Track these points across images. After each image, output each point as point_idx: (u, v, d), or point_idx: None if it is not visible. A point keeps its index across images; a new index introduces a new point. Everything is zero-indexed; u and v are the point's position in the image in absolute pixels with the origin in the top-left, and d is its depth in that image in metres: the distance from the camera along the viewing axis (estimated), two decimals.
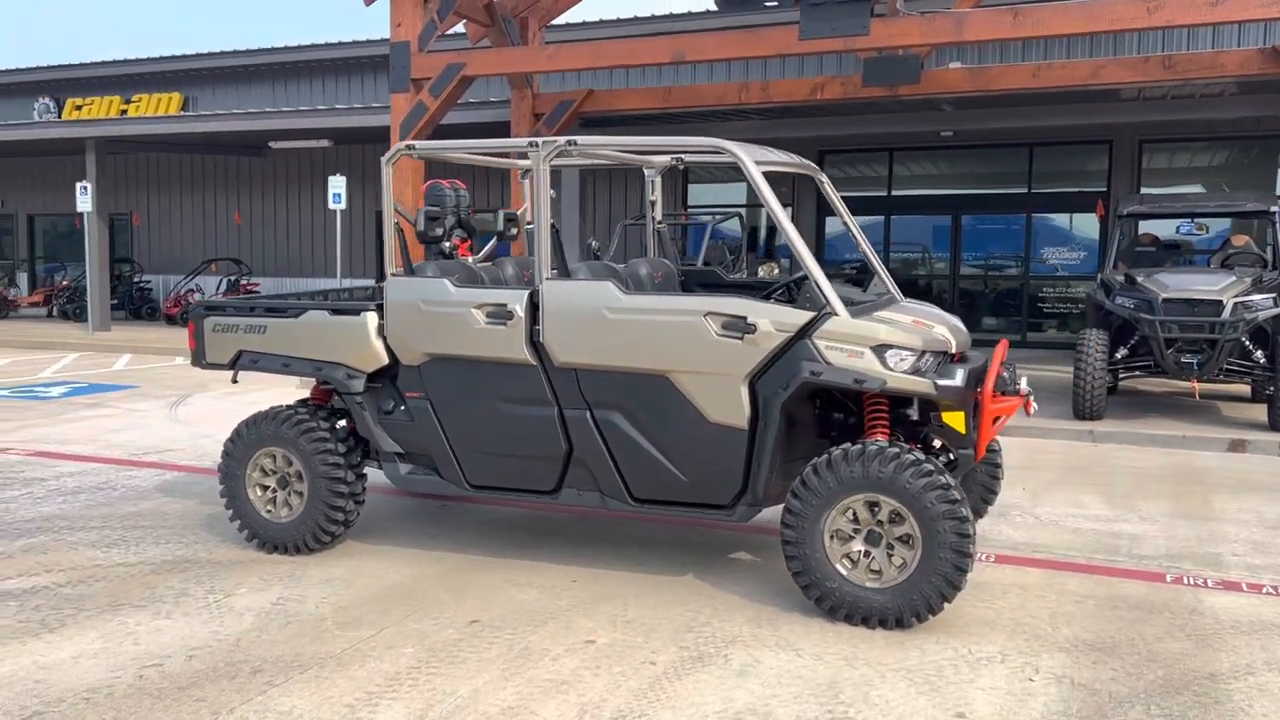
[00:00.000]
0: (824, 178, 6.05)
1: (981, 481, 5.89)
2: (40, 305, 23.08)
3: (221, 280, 21.04)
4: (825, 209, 17.92)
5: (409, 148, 5.43)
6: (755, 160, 4.87)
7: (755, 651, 4.40)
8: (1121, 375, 9.94)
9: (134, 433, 9.40)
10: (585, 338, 5.01)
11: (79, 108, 23.69)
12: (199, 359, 5.92)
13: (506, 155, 5.45)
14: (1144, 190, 15.99)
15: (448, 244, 5.95)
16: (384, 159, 5.45)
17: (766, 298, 5.82)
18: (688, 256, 12.75)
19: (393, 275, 5.45)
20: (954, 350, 4.89)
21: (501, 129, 14.12)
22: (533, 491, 5.32)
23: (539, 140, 5.12)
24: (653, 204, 6.55)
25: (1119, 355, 9.64)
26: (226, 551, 5.80)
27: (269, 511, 5.74)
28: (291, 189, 21.54)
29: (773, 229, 18.60)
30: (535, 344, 5.13)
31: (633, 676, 4.15)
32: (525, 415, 5.20)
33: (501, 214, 6.39)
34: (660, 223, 6.59)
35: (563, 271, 5.23)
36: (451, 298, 5.27)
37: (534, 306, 5.13)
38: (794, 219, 17.79)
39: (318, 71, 21.63)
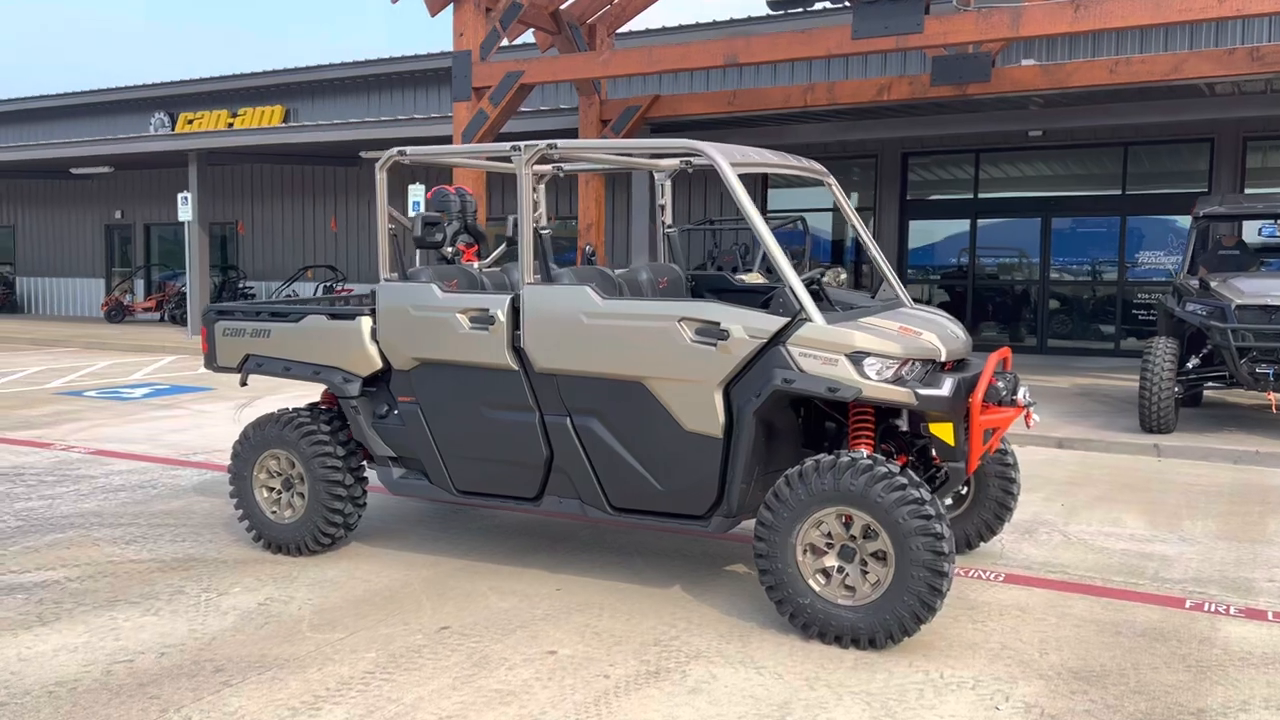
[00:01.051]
0: (833, 180, 5.87)
1: (994, 497, 5.61)
2: (153, 310, 24.20)
3: (318, 286, 21.73)
4: (911, 212, 17.50)
5: (400, 153, 5.47)
6: (731, 162, 4.74)
7: (715, 668, 4.26)
8: (1195, 386, 9.38)
9: (192, 433, 9.74)
10: (564, 343, 4.96)
11: (190, 121, 24.80)
12: (210, 361, 6.08)
13: (500, 159, 5.43)
14: (1249, 190, 15.13)
15: (450, 249, 5.97)
16: (377, 165, 5.50)
17: (765, 304, 5.69)
18: (746, 261, 12.54)
19: (385, 280, 5.50)
20: (943, 358, 4.67)
21: (571, 136, 14.18)
22: (516, 498, 5.28)
23: (520, 145, 5.09)
24: (661, 208, 6.45)
25: (1190, 365, 9.09)
26: (235, 551, 5.93)
27: (274, 513, 5.85)
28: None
29: (840, 234, 18.27)
30: (517, 349, 5.10)
31: (581, 689, 4.07)
32: (508, 421, 5.18)
33: (512, 219, 6.39)
34: (670, 227, 6.49)
35: (546, 276, 5.19)
36: (438, 302, 5.28)
37: (515, 311, 5.10)
38: (875, 221, 17.45)
39: (408, 83, 22.15)
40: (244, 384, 6.19)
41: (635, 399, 4.85)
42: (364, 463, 5.82)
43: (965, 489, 5.68)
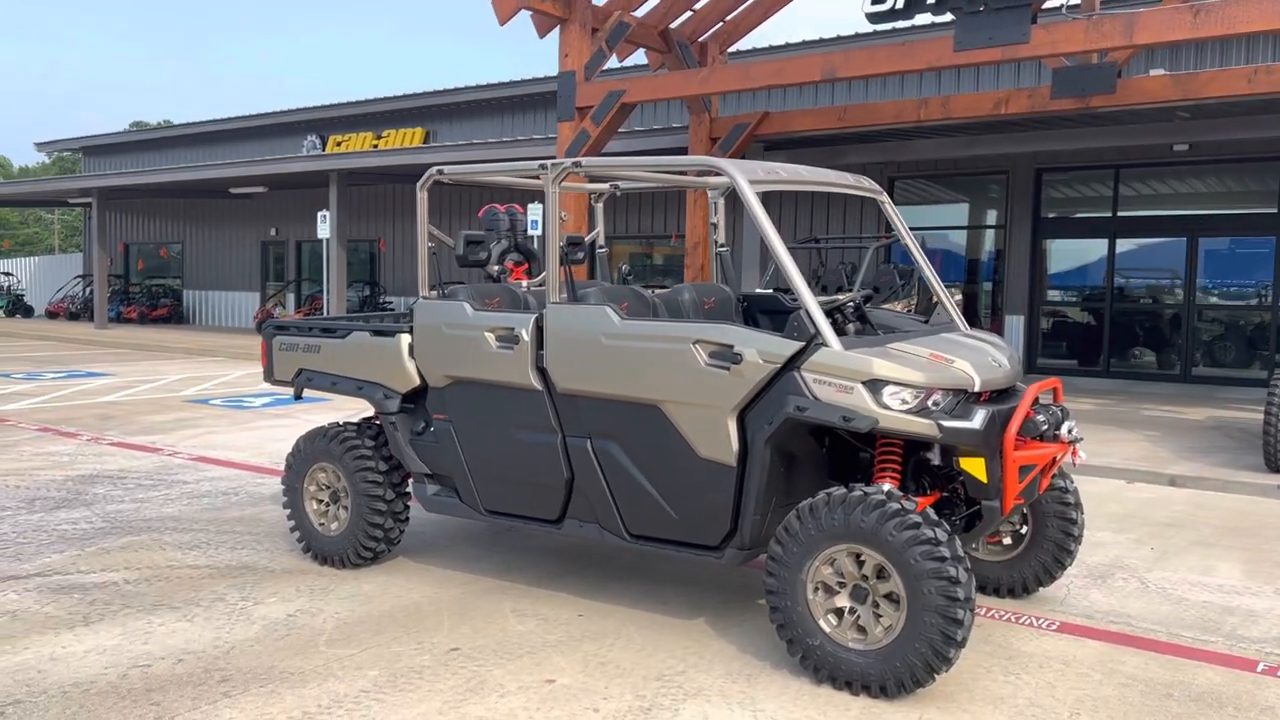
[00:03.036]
0: (886, 198, 5.60)
1: (1053, 539, 5.21)
2: None
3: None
4: (1047, 229, 16.69)
5: (439, 171, 5.50)
6: (750, 179, 4.56)
7: (712, 708, 4.07)
8: None
9: (292, 444, 10.07)
10: (583, 363, 4.87)
11: (339, 143, 25.93)
12: (269, 375, 6.25)
13: (530, 176, 5.39)
14: None
15: (496, 268, 5.97)
16: (418, 184, 5.55)
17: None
18: (850, 281, 12.19)
19: (423, 298, 5.53)
20: (977, 388, 4.35)
21: (682, 154, 14.12)
22: (539, 520, 5.21)
23: (547, 163, 5.04)
24: (714, 226, 6.29)
25: None
26: (286, 561, 6.07)
27: (321, 525, 5.96)
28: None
29: (967, 254, 17.55)
30: (541, 369, 5.04)
31: None
32: (532, 442, 5.12)
33: (566, 237, 6.34)
34: (722, 246, 6.31)
35: (572, 295, 5.11)
36: (468, 321, 5.27)
37: (540, 331, 5.05)
38: (1006, 240, 16.71)
39: (539, 104, 22.55)
40: (298, 398, 6.33)
41: (652, 423, 4.71)
42: (406, 479, 5.86)
43: (1025, 529, 5.30)
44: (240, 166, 21.95)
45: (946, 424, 4.20)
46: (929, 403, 4.25)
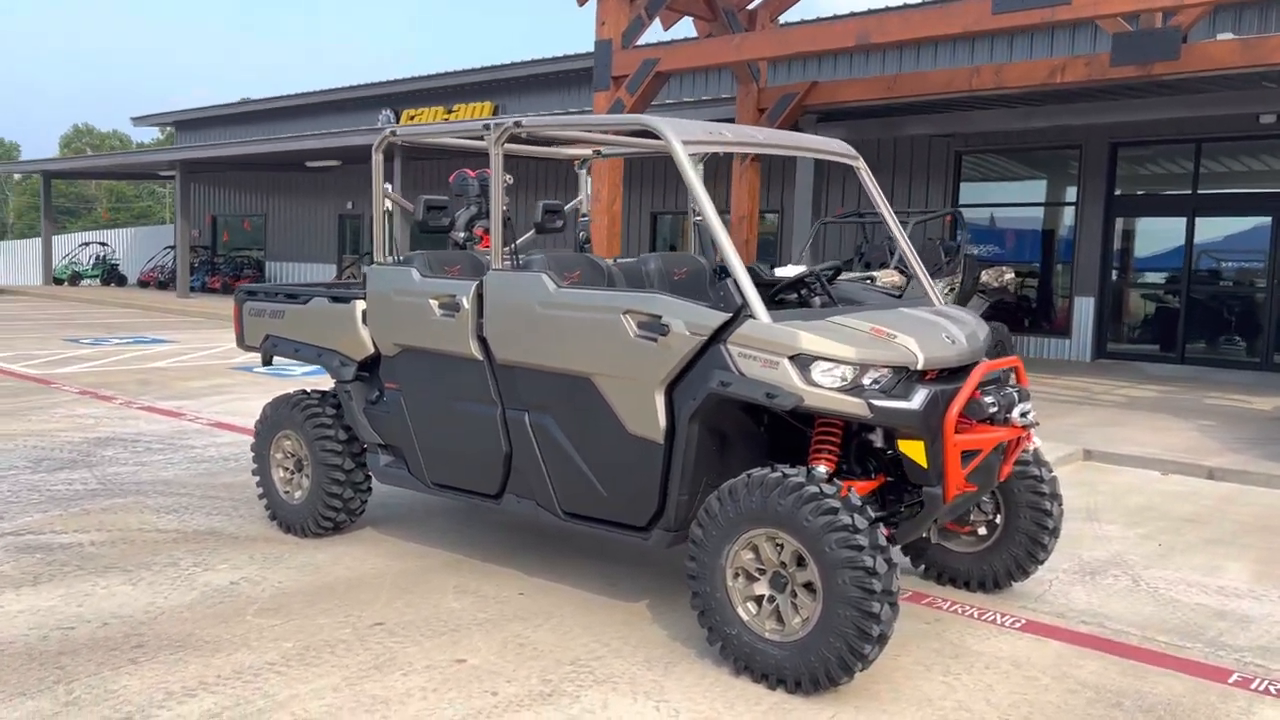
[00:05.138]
0: (862, 165, 5.25)
1: (1025, 530, 4.84)
2: None
3: None
4: (1121, 207, 15.88)
5: (392, 133, 5.34)
6: (683, 139, 4.28)
7: (613, 696, 3.87)
8: None
9: None
10: (519, 333, 4.68)
11: (411, 117, 26.12)
12: (240, 341, 6.21)
13: (478, 137, 5.16)
14: None
15: (462, 234, 5.80)
16: (374, 146, 5.40)
17: (773, 297, 5.19)
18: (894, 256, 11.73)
19: (375, 264, 5.40)
20: (920, 365, 4.02)
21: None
22: (479, 495, 5.05)
23: (490, 122, 4.84)
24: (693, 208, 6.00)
25: None
26: (254, 528, 6.03)
27: (286, 492, 5.91)
28: (573, 191, 22.45)
29: (1037, 231, 16.80)
30: (482, 338, 4.86)
31: (458, 705, 3.79)
32: (473, 413, 4.95)
33: (541, 205, 6.15)
34: (698, 215, 6.02)
35: (515, 262, 4.90)
36: (415, 287, 5.12)
37: (481, 299, 4.86)
38: (1078, 218, 15.93)
39: None
40: (266, 364, 6.28)
41: (584, 396, 4.50)
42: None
43: (998, 517, 4.94)
44: (309, 139, 22.28)
45: (879, 404, 3.89)
46: (864, 380, 3.94)
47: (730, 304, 4.06)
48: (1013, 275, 12.32)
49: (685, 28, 13.32)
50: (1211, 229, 15.38)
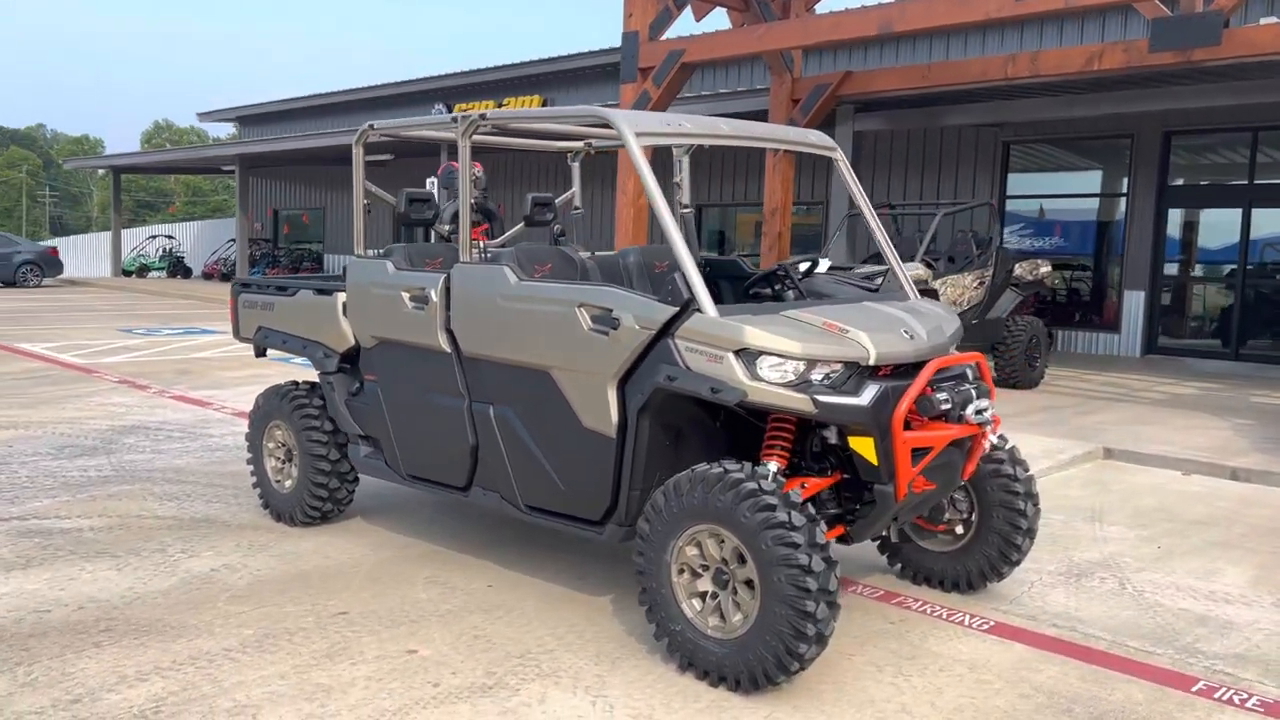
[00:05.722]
0: (840, 156, 5.16)
1: (998, 530, 4.72)
2: None
3: None
4: (1173, 198, 15.41)
5: (370, 127, 5.39)
6: (636, 131, 4.24)
7: (554, 690, 3.86)
8: None
9: None
10: (482, 326, 4.69)
11: (463, 111, 26.35)
12: (236, 332, 6.32)
13: (446, 130, 5.17)
14: None
15: (447, 227, 5.83)
16: (354, 140, 5.45)
17: (747, 290, 5.15)
18: (930, 247, 11.51)
19: (357, 257, 5.45)
20: (873, 361, 3.94)
21: (762, 118, 13.65)
22: (449, 487, 5.07)
23: (458, 116, 4.85)
24: (677, 185, 5.94)
25: None
26: (248, 516, 6.13)
27: (277, 482, 6.00)
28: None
29: (1087, 223, 16.37)
30: (450, 331, 4.88)
31: (398, 695, 3.82)
32: (442, 406, 4.98)
33: (531, 198, 6.16)
34: (686, 207, 5.96)
35: (484, 255, 4.91)
36: (389, 280, 5.16)
37: (448, 292, 4.88)
38: (1129, 209, 15.49)
39: None
40: (259, 355, 6.37)
41: (543, 390, 4.49)
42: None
43: (971, 515, 4.82)
44: (347, 135, 22.57)
45: (825, 399, 3.82)
46: (813, 376, 3.88)
47: (677, 297, 4.02)
48: (1049, 269, 12.01)
49: (719, 19, 13.21)
50: (1269, 221, 14.85)
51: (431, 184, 12.40)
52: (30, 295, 25.72)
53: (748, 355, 3.86)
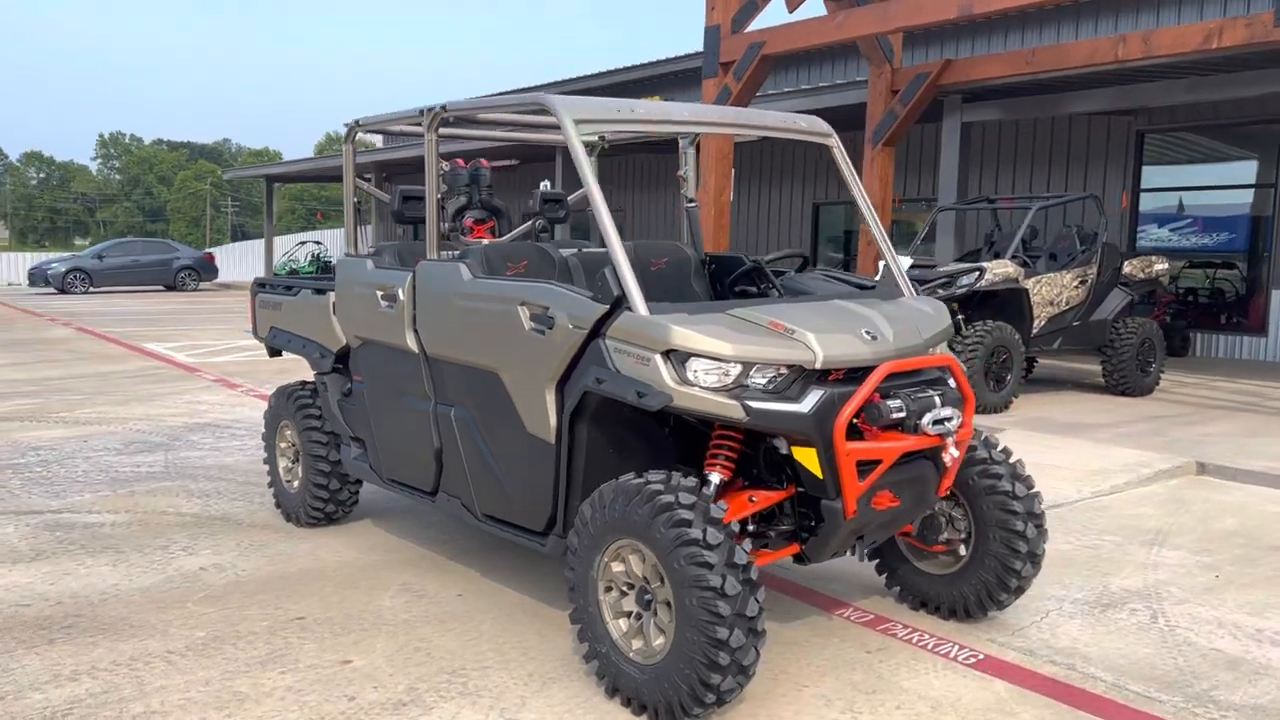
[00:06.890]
0: (835, 144, 4.76)
1: (995, 554, 4.24)
2: None
3: None
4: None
5: (357, 123, 5.29)
6: (575, 118, 3.97)
7: (467, 711, 3.64)
8: None
9: None
10: (442, 325, 4.51)
11: None
12: (255, 332, 6.36)
13: (415, 124, 5.00)
14: None
15: (447, 225, 5.67)
16: (344, 138, 5.37)
17: (731, 286, 4.83)
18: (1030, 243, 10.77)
19: (345, 255, 5.37)
20: (819, 365, 3.57)
21: (861, 111, 13.10)
22: (419, 491, 4.92)
23: (423, 108, 4.69)
24: (681, 178, 5.62)
25: None
26: (264, 516, 6.16)
27: (287, 482, 6.00)
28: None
29: (1231, 218, 15.04)
30: (416, 330, 4.73)
31: (307, 709, 3.67)
32: (412, 408, 4.83)
33: (538, 193, 5.96)
34: (691, 201, 5.64)
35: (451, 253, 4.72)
36: (366, 278, 5.05)
37: (415, 290, 4.73)
38: (1275, 200, 14.17)
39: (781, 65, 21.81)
40: (272, 355, 6.39)
41: (493, 392, 4.28)
42: None
43: (969, 537, 4.35)
44: (473, 140, 22.92)
45: (757, 406, 3.48)
46: (751, 379, 3.54)
47: (607, 294, 3.74)
48: (1165, 266, 11.05)
49: (816, 8, 12.75)
50: None
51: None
52: (184, 298, 27.26)
53: (676, 357, 3.55)
